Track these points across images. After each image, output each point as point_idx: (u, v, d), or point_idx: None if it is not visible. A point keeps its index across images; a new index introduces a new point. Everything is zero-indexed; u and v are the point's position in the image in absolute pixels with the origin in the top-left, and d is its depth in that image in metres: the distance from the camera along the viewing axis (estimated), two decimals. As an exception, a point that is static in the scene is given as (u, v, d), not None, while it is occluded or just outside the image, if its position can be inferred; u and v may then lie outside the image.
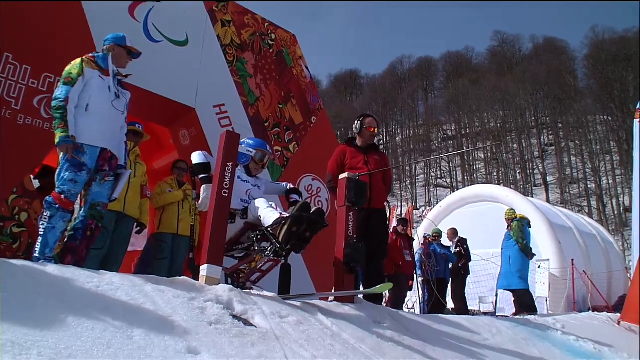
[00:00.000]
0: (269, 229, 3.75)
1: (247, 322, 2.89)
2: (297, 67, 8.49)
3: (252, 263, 4.05)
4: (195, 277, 3.95)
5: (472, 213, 17.97)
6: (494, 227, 15.59)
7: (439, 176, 63.50)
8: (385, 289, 4.23)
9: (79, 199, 3.90)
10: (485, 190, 19.05)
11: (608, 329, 6.79)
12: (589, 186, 49.93)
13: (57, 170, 3.78)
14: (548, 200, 48.44)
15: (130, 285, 2.77)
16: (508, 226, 9.79)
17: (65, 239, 3.81)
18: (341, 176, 4.39)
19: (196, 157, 4.25)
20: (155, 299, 2.71)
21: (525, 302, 9.17)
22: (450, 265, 10.76)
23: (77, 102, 3.85)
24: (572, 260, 13.61)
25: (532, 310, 9.01)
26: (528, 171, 58.12)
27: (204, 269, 3.30)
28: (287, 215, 3.80)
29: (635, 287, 7.09)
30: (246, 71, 7.62)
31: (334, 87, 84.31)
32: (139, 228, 5.81)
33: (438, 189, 61.46)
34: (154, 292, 2.79)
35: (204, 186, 4.07)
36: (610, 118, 51.92)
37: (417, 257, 10.12)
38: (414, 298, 11.96)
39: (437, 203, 53.51)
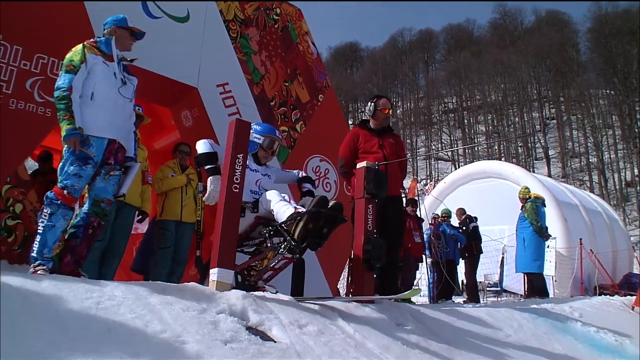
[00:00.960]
0: (282, 225, 3.45)
1: (264, 336, 2.62)
2: (303, 43, 8.09)
3: (265, 260, 3.77)
4: (203, 276, 3.69)
5: (477, 189, 17.72)
6: (500, 203, 15.44)
7: (440, 149, 63.06)
8: (414, 294, 3.96)
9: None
10: (491, 167, 18.77)
11: (625, 316, 6.68)
12: (590, 160, 49.59)
13: (60, 164, 3.48)
14: (549, 175, 48.23)
15: (134, 299, 2.49)
16: (522, 206, 9.54)
17: (65, 237, 3.52)
18: (359, 165, 4.09)
19: (201, 146, 3.93)
20: (163, 314, 2.44)
21: (537, 286, 8.99)
22: (460, 246, 10.48)
23: (80, 91, 3.53)
24: (580, 239, 13.36)
25: (544, 294, 8.85)
26: (529, 144, 57.72)
27: (214, 273, 3.02)
28: (303, 209, 3.51)
29: None
30: (250, 48, 7.23)
31: (334, 59, 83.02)
32: (140, 217, 5.53)
33: (439, 162, 61.11)
34: (161, 306, 2.52)
35: (210, 178, 3.76)
36: (612, 92, 51.34)
37: (425, 237, 9.83)
38: (422, 281, 11.73)
39: (438, 176, 53.69)
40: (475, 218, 11.26)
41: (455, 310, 4.62)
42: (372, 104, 5.16)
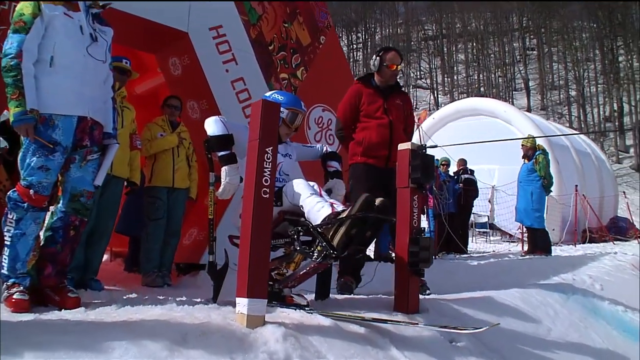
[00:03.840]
0: (318, 229, 2.79)
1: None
2: (302, -25, 7.14)
3: (292, 265, 3.13)
4: (217, 285, 3.06)
5: (467, 127, 17.21)
6: (491, 143, 14.96)
7: (418, 77, 61.80)
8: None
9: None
10: (482, 104, 18.15)
11: None
12: (570, 94, 49.22)
13: (20, 154, 2.72)
14: (529, 106, 47.98)
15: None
16: (525, 156, 9.08)
17: (42, 243, 2.82)
18: (401, 146, 3.40)
19: (212, 126, 3.16)
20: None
21: (542, 243, 8.77)
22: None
23: (36, 56, 2.73)
24: (576, 186, 13.05)
25: (548, 251, 8.66)
26: (509, 75, 56.95)
27: (243, 305, 2.38)
28: (341, 208, 2.85)
29: None
30: (245, -17, 6.30)
31: (310, -18, 79.47)
32: (129, 188, 4.81)
33: (417, 90, 60.08)
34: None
35: (225, 168, 3.04)
36: (595, 25, 50.35)
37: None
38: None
39: (416, 104, 52.94)
40: (472, 171, 10.82)
41: (490, 299, 4.18)
42: (378, 57, 4.44)
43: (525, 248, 9.45)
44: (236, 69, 6.01)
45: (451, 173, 10.55)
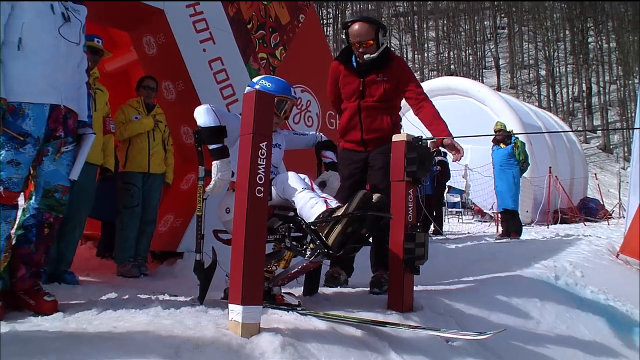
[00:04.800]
0: (312, 226, 2.64)
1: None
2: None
3: (281, 262, 2.97)
4: (204, 285, 2.89)
5: (441, 105, 16.85)
6: (464, 122, 14.92)
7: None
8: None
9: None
10: (456, 83, 18.13)
11: (619, 271, 6.52)
12: (540, 73, 49.73)
13: None
14: (499, 85, 48.32)
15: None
16: (500, 141, 9.13)
17: (14, 243, 2.60)
18: (395, 137, 3.24)
19: (203, 116, 2.91)
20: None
21: (516, 224, 8.99)
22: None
23: (2, 38, 2.48)
24: (550, 168, 13.16)
25: (520, 232, 8.91)
26: (479, 53, 57.17)
27: (237, 313, 2.22)
28: (335, 204, 2.70)
29: (636, 220, 6.76)
30: (223, -43, 6.00)
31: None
32: (102, 176, 4.56)
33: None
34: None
35: (217, 162, 2.82)
36: (565, 5, 50.74)
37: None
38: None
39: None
40: (445, 153, 10.81)
41: (479, 291, 4.12)
42: (345, 33, 3.91)
43: (500, 230, 9.52)
44: (213, 49, 5.75)
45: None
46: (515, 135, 8.97)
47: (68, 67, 2.74)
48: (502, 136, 9.04)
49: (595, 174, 18.69)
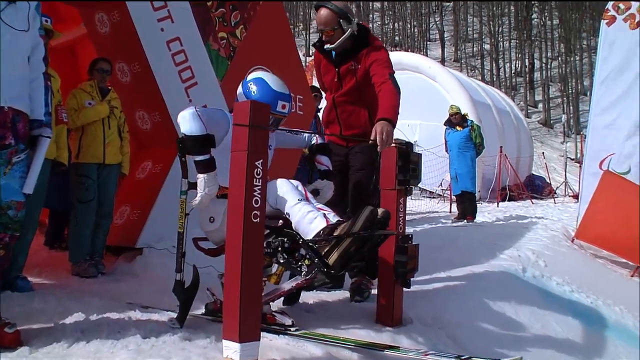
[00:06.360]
0: (310, 244, 2.43)
1: None
2: None
3: (272, 277, 2.73)
4: (184, 307, 2.65)
5: (391, 81, 17.04)
6: (414, 98, 14.88)
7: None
8: None
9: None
10: (407, 59, 17.97)
11: (578, 258, 6.67)
12: (484, 47, 50.48)
13: None
14: (443, 57, 48.79)
15: None
16: (447, 121, 9.39)
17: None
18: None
19: (188, 123, 2.59)
20: None
21: (472, 206, 9.13)
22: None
23: None
24: (501, 147, 13.35)
25: (475, 215, 9.10)
26: (424, 26, 57.40)
27: (234, 351, 2.01)
28: (335, 219, 2.50)
29: (593, 206, 6.87)
30: None
31: None
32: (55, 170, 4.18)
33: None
34: None
35: (204, 176, 2.54)
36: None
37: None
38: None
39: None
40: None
41: (458, 293, 4.13)
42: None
43: (448, 207, 9.66)
44: (172, 28, 5.34)
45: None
46: (470, 119, 9.05)
47: (13, 59, 2.36)
48: (459, 119, 9.07)
49: (543, 152, 19.18)
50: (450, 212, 11.15)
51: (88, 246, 4.58)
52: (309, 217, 2.48)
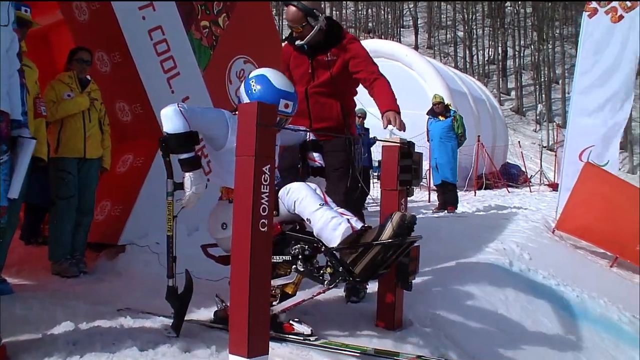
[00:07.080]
0: (334, 251, 2.34)
1: None
2: None
3: (290, 287, 2.62)
4: (179, 314, 2.55)
5: (367, 69, 16.97)
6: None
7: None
8: None
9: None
10: (384, 47, 17.90)
11: (561, 250, 6.71)
12: (457, 34, 50.64)
13: None
14: (416, 44, 48.83)
15: None
16: (430, 110, 9.32)
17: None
18: (385, 143, 2.98)
19: (170, 120, 2.48)
20: None
21: (454, 197, 9.15)
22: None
23: None
24: (479, 137, 13.41)
25: (456, 205, 9.12)
26: (398, 12, 57.29)
27: (241, 367, 1.92)
28: (360, 225, 2.41)
29: (573, 198, 6.92)
30: None
31: None
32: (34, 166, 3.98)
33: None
34: None
35: (190, 175, 2.44)
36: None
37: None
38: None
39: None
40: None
41: (449, 292, 4.09)
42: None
43: (426, 196, 9.66)
44: (154, 16, 5.15)
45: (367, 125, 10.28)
46: (453, 110, 9.04)
47: None
48: (442, 109, 9.04)
49: (519, 141, 19.35)
50: (429, 201, 11.17)
51: (69, 244, 4.41)
52: (332, 224, 2.38)
